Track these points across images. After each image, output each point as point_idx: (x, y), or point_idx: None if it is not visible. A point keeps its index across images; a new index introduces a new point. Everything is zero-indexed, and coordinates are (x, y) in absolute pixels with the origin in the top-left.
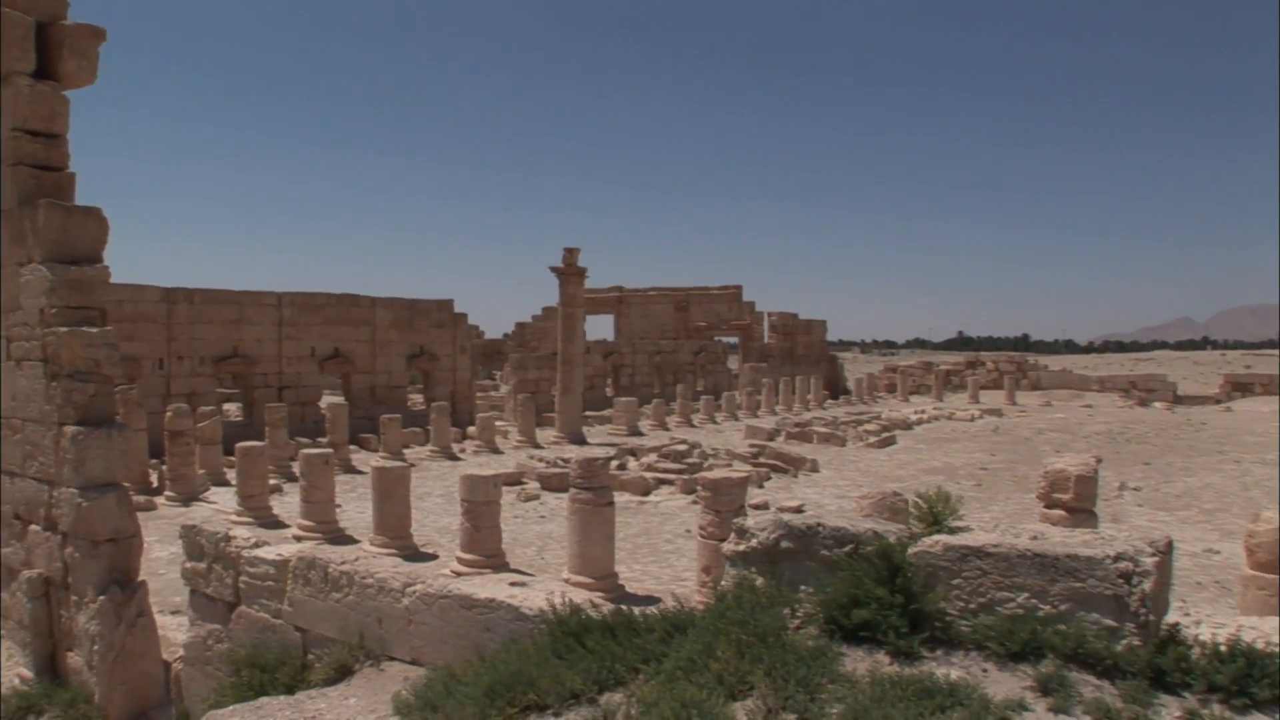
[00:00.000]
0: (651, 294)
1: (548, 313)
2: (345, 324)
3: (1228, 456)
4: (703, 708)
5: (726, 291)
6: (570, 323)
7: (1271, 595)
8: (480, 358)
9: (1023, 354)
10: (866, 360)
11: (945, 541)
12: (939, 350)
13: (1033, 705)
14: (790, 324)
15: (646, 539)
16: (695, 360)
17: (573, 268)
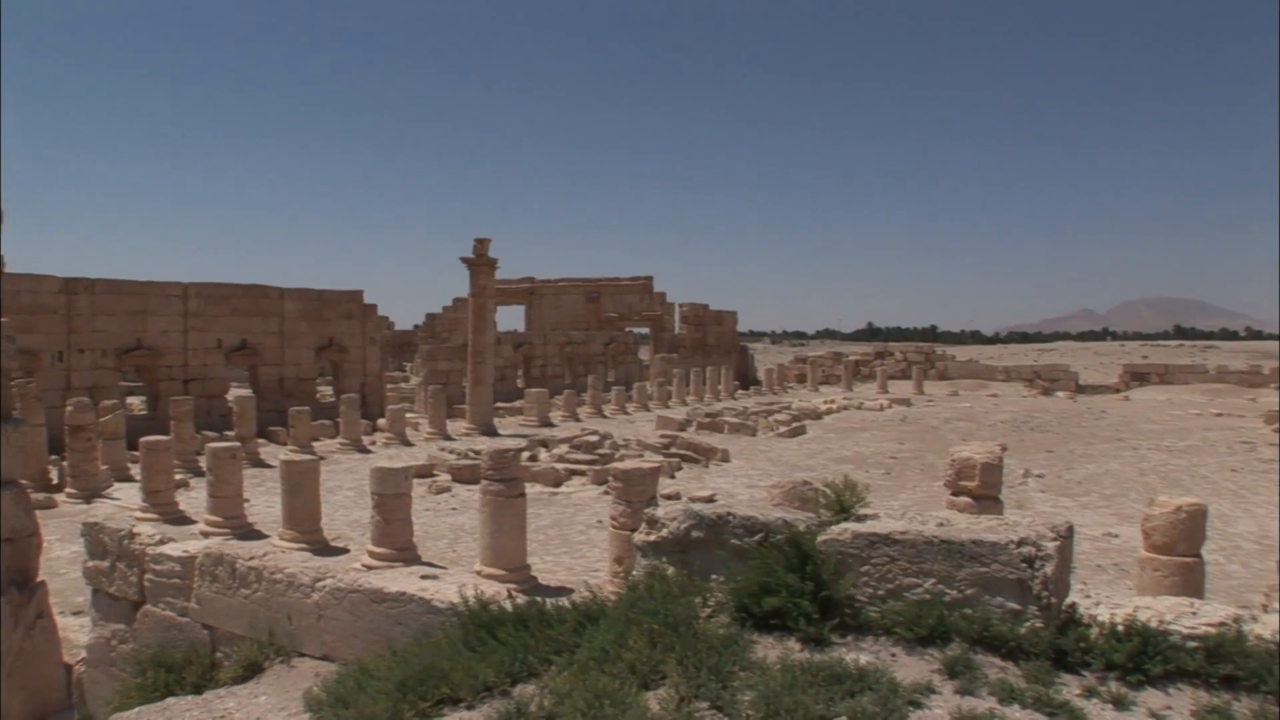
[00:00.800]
0: (563, 285)
1: (458, 304)
2: (253, 315)
3: (1126, 444)
4: (615, 697)
5: (637, 282)
6: (481, 314)
7: (1166, 576)
8: (390, 349)
9: (930, 345)
10: (777, 351)
11: (854, 529)
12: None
13: (940, 688)
14: (701, 315)
15: (559, 530)
16: (606, 351)
17: (483, 258)
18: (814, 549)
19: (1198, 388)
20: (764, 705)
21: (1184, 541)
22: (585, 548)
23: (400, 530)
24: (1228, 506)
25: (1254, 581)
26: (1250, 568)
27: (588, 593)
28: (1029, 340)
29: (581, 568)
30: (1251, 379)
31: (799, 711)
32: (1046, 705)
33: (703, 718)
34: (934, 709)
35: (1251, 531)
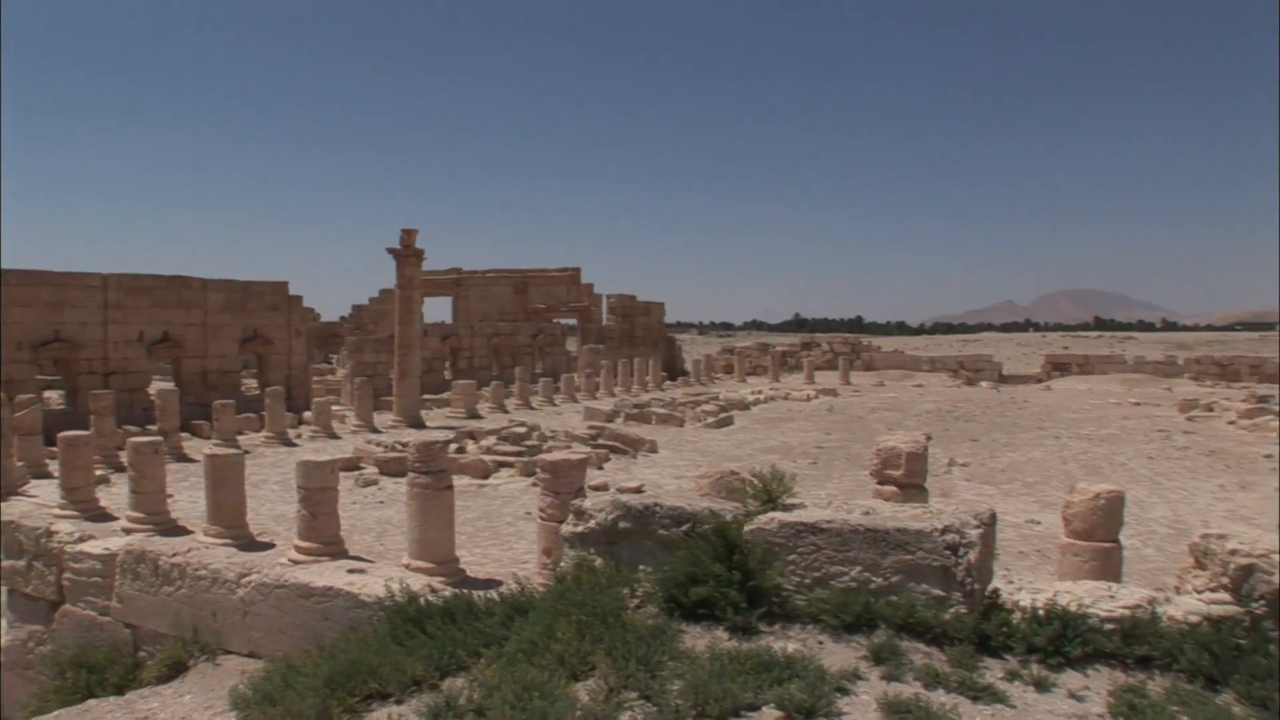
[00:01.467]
0: (490, 276)
1: (385, 295)
2: (175, 307)
3: (1048, 433)
4: (544, 689)
5: (565, 273)
6: (408, 305)
7: (1086, 561)
8: (316, 341)
9: (857, 335)
10: (704, 342)
11: (780, 519)
12: (776, 332)
13: (867, 674)
14: (628, 306)
15: (487, 522)
16: (534, 342)
17: (410, 249)
18: (741, 539)
19: (1116, 378)
20: (693, 694)
21: (1103, 527)
22: (514, 540)
23: (327, 524)
24: (1144, 493)
25: (1168, 565)
26: (1165, 552)
27: (516, 585)
28: (954, 331)
29: (510, 560)
30: (1167, 369)
31: (727, 700)
32: (970, 689)
33: (632, 708)
34: (861, 695)
35: (1167, 517)
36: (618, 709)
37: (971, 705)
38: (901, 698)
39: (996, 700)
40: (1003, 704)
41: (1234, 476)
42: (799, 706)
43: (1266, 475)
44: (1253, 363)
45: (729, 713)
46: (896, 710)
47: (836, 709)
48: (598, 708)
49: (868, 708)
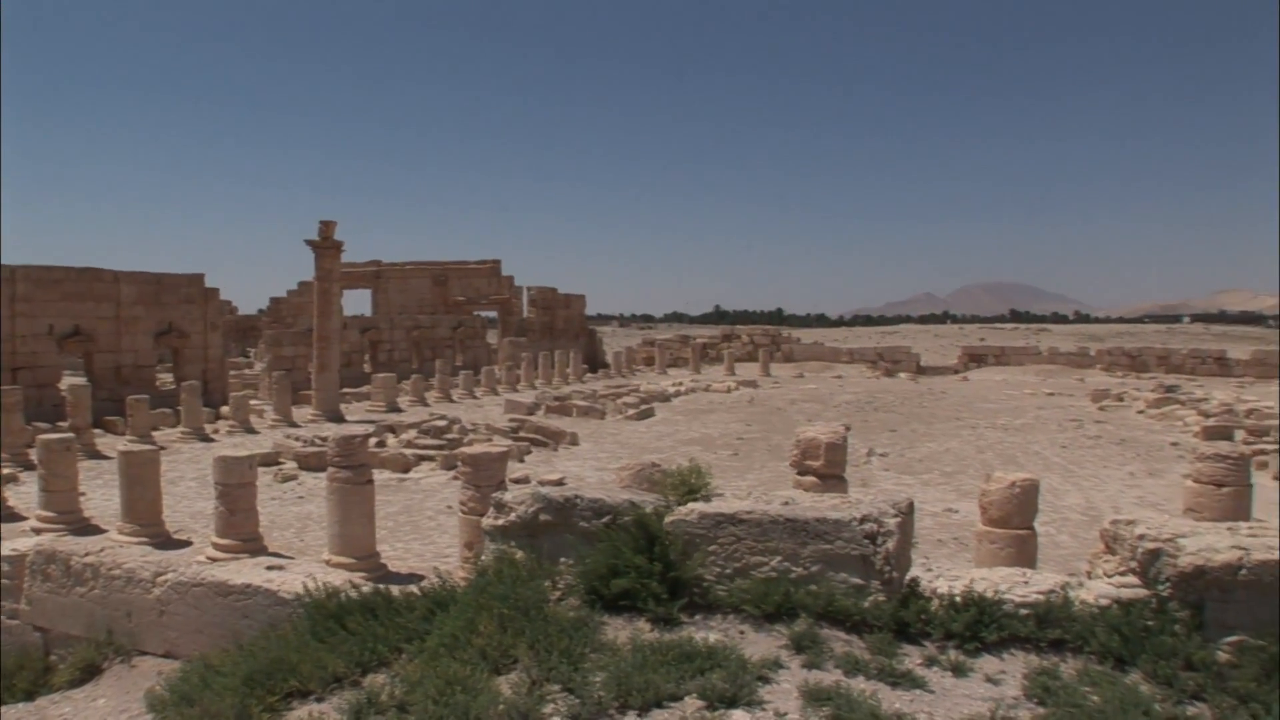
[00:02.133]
0: (410, 268)
1: (304, 287)
2: (86, 300)
3: (965, 423)
4: (467, 683)
5: (485, 266)
6: (327, 298)
7: (1002, 548)
8: (233, 334)
9: (777, 327)
10: (625, 334)
11: (701, 510)
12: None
13: (787, 663)
14: (549, 298)
15: (408, 516)
16: (454, 335)
17: (329, 241)
18: (661, 530)
19: (1031, 368)
20: (615, 686)
21: (1018, 515)
22: (435, 534)
23: (245, 520)
24: (1058, 481)
25: (1081, 550)
26: (1078, 538)
27: (438, 579)
28: (872, 323)
29: (432, 554)
30: (1080, 360)
31: (650, 691)
32: (890, 675)
33: (554, 700)
34: (782, 683)
35: (1080, 504)
36: (540, 702)
37: (891, 691)
38: (822, 685)
39: (915, 686)
40: (921, 689)
41: (1143, 464)
42: (721, 696)
43: (1173, 462)
44: (1160, 354)
45: (651, 703)
46: (817, 698)
47: (758, 697)
48: (520, 701)
49: (789, 696)
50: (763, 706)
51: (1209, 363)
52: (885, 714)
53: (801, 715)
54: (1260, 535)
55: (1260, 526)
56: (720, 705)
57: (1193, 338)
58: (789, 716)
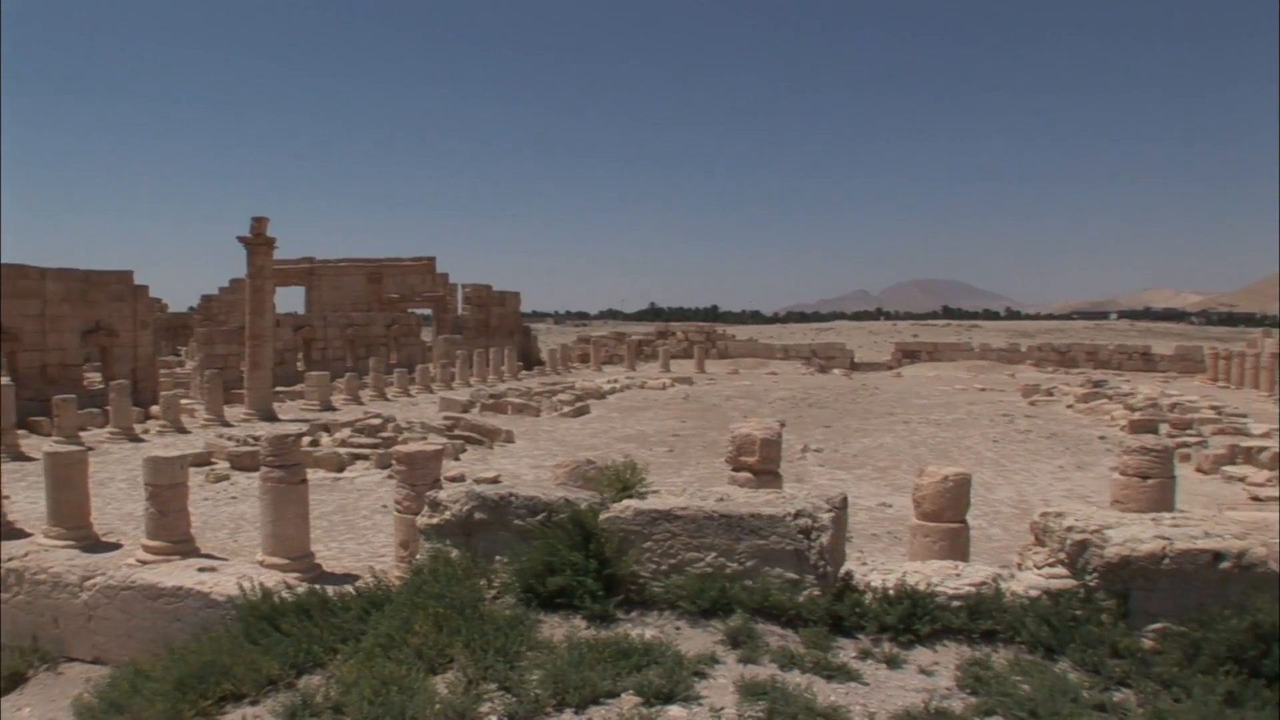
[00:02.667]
0: (344, 265)
1: (235, 285)
2: (10, 297)
3: (898, 418)
4: (403, 683)
5: (420, 263)
6: (259, 295)
7: (935, 542)
8: (164, 332)
9: (712, 324)
10: (560, 331)
11: (636, 506)
12: (631, 321)
13: (723, 658)
14: (484, 296)
15: (343, 516)
16: (389, 332)
17: (261, 238)
18: (597, 527)
19: (963, 364)
20: (552, 683)
21: (951, 509)
22: (371, 533)
23: (177, 522)
24: (990, 475)
25: (1013, 543)
26: (1010, 530)
27: (373, 579)
28: (807, 320)
29: (367, 554)
30: (1011, 356)
31: (586, 688)
32: (825, 669)
33: (491, 699)
34: (718, 678)
35: (1011, 497)
36: (477, 701)
37: (826, 684)
38: (758, 680)
39: (850, 679)
40: (856, 682)
41: (1072, 457)
42: (657, 692)
43: (1101, 456)
44: (1088, 349)
45: (588, 701)
46: (753, 692)
47: (694, 693)
48: (457, 700)
49: (725, 690)
50: (699, 702)
51: (1135, 358)
52: (820, 707)
53: (737, 710)
54: (1182, 525)
55: (1183, 517)
56: (657, 701)
57: (1119, 334)
58: (725, 712)
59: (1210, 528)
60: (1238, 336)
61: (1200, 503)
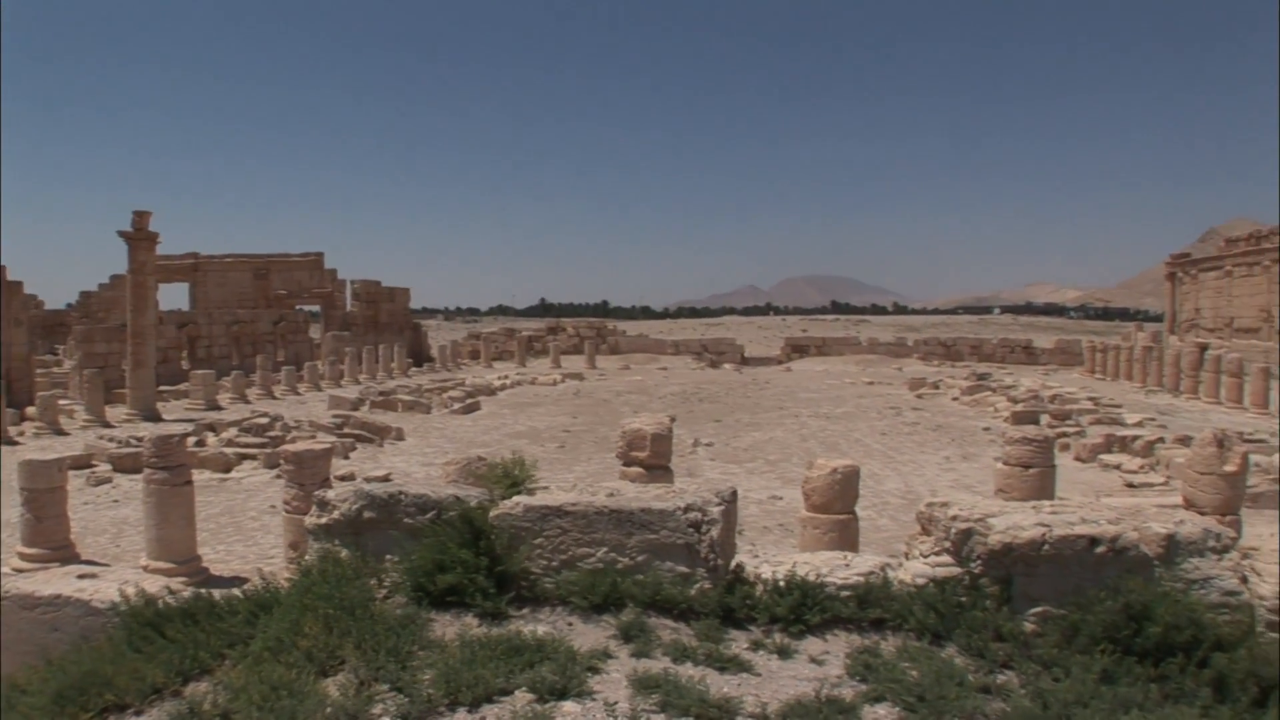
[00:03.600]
0: (229, 261)
1: (116, 281)
2: None
3: (788, 412)
4: (293, 687)
5: (308, 259)
6: (141, 292)
7: (825, 533)
8: (40, 331)
9: (602, 320)
10: (450, 328)
11: (526, 503)
12: (522, 317)
13: (616, 653)
14: (373, 292)
15: (230, 517)
16: (276, 330)
17: (143, 232)
18: (487, 524)
19: (852, 358)
20: (444, 683)
21: (840, 500)
22: (259, 534)
23: (55, 527)
24: (879, 466)
25: (901, 533)
26: (898, 520)
27: (261, 581)
28: (697, 315)
29: (256, 555)
30: (898, 350)
31: (479, 686)
32: (717, 661)
33: (384, 700)
34: (612, 673)
35: (899, 488)
36: (369, 702)
37: (719, 676)
38: (651, 673)
39: (742, 670)
40: (748, 673)
41: (958, 449)
42: (551, 688)
43: (986, 446)
44: (973, 343)
45: (481, 699)
46: (646, 685)
47: (588, 688)
48: (348, 703)
49: (619, 685)
50: (593, 697)
51: (1017, 351)
52: (713, 699)
53: (631, 704)
54: (1061, 513)
55: (1062, 504)
56: (550, 698)
57: (1003, 328)
58: (619, 706)
59: (1087, 514)
60: (1114, 330)
61: (1079, 490)
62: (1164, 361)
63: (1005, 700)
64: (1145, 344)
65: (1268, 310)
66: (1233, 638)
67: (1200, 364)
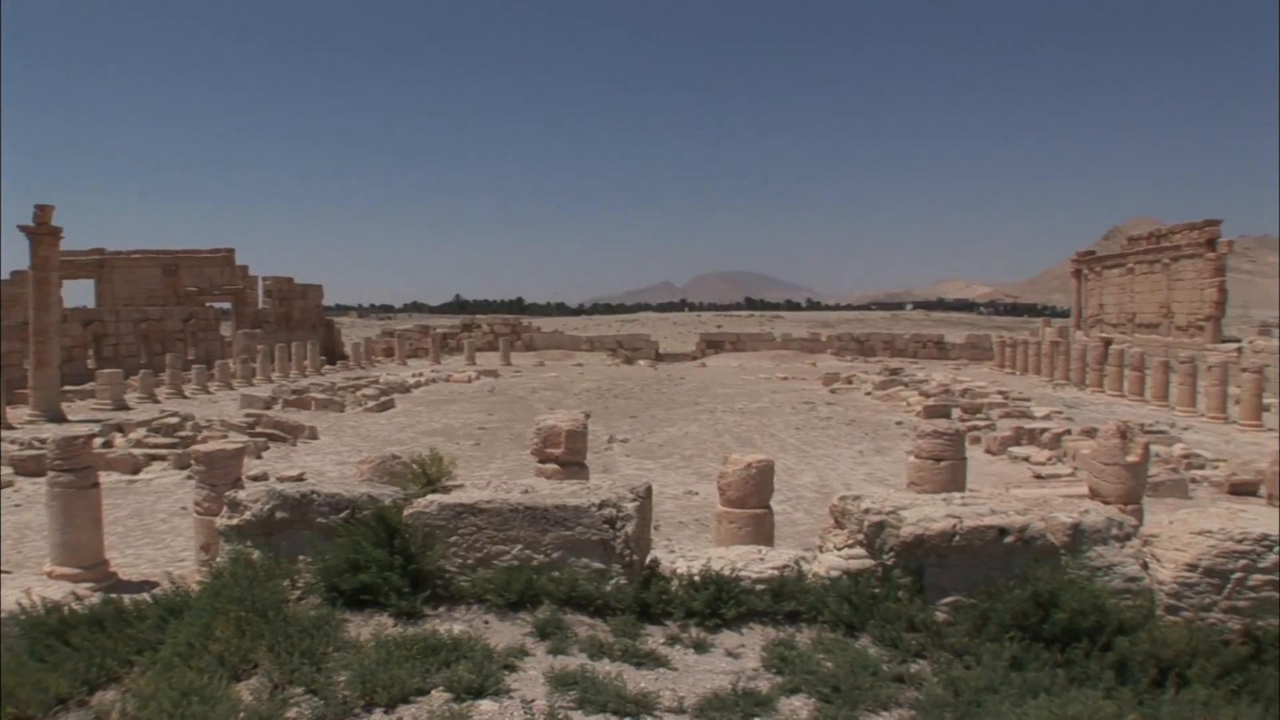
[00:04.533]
0: (137, 257)
1: (18, 277)
2: None
3: (703, 407)
4: (204, 693)
5: (218, 255)
6: (44, 289)
7: (740, 527)
8: None
9: (517, 316)
10: (364, 325)
11: (440, 501)
12: (436, 314)
13: (533, 650)
14: (286, 289)
15: (140, 520)
16: (186, 327)
17: (46, 227)
18: (401, 522)
19: (766, 354)
20: (360, 684)
21: (755, 495)
22: (170, 537)
23: None
24: (793, 461)
25: (815, 526)
26: (813, 514)
27: (171, 585)
28: (612, 311)
29: (167, 559)
30: (812, 345)
31: (395, 687)
32: (634, 656)
33: (298, 704)
34: (528, 671)
35: (814, 482)
36: (283, 706)
37: (636, 672)
38: (568, 670)
39: (659, 665)
40: (665, 668)
41: (871, 443)
42: (468, 687)
43: (898, 440)
44: (886, 339)
45: (397, 699)
46: (563, 682)
47: (505, 686)
48: (261, 707)
49: (535, 682)
50: (510, 695)
51: (929, 347)
52: (630, 694)
53: (548, 701)
54: (971, 504)
55: (972, 496)
56: (467, 697)
57: (915, 324)
58: (536, 703)
59: (996, 506)
60: (1022, 326)
61: (989, 482)
62: (1070, 356)
63: (918, 689)
64: (1052, 339)
65: (1167, 306)
66: (1134, 622)
67: (1105, 358)
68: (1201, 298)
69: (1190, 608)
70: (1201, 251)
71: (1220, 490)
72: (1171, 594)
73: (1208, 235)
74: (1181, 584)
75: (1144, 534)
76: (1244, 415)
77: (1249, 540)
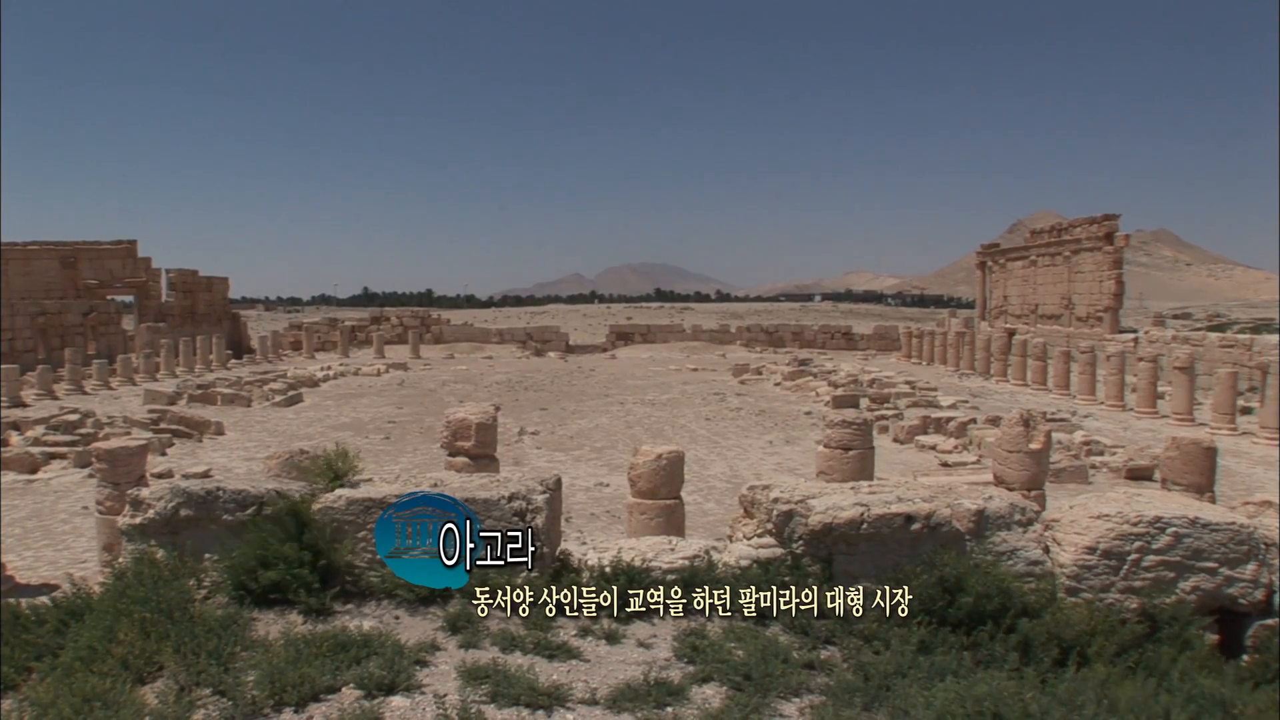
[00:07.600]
0: (33, 249)
1: None
2: None
3: (614, 399)
4: (107, 698)
5: (120, 246)
6: None
7: (651, 518)
8: None
9: (426, 309)
10: (271, 318)
11: (348, 496)
12: (345, 306)
13: (445, 644)
14: (190, 281)
15: (38, 521)
16: (86, 321)
17: None
18: (310, 518)
19: (676, 345)
20: (269, 683)
21: (665, 486)
22: (70, 538)
23: None
24: (704, 452)
25: (727, 516)
26: (724, 504)
27: (72, 587)
28: (522, 303)
29: (68, 560)
30: (722, 337)
31: (305, 685)
32: (546, 649)
33: (205, 705)
34: (440, 665)
35: (724, 473)
36: (189, 708)
37: (548, 664)
38: (480, 664)
39: (571, 657)
40: (577, 659)
41: (781, 433)
42: (379, 684)
43: (808, 430)
44: (795, 330)
45: (308, 698)
46: (475, 676)
47: (417, 681)
48: (168, 710)
49: (448, 677)
50: (422, 690)
51: (837, 338)
52: (542, 687)
53: (461, 695)
54: (879, 493)
55: (880, 485)
56: (379, 693)
57: (823, 315)
58: (449, 698)
59: (903, 493)
60: (929, 317)
61: (897, 471)
62: (976, 346)
63: (829, 675)
64: (958, 330)
65: (1068, 298)
66: (1037, 604)
67: (1009, 349)
68: (1100, 289)
69: (1090, 589)
70: (1100, 245)
71: (1118, 475)
72: (1072, 576)
73: (1106, 229)
74: (1081, 566)
75: (1046, 519)
76: (1140, 403)
77: (1144, 523)
